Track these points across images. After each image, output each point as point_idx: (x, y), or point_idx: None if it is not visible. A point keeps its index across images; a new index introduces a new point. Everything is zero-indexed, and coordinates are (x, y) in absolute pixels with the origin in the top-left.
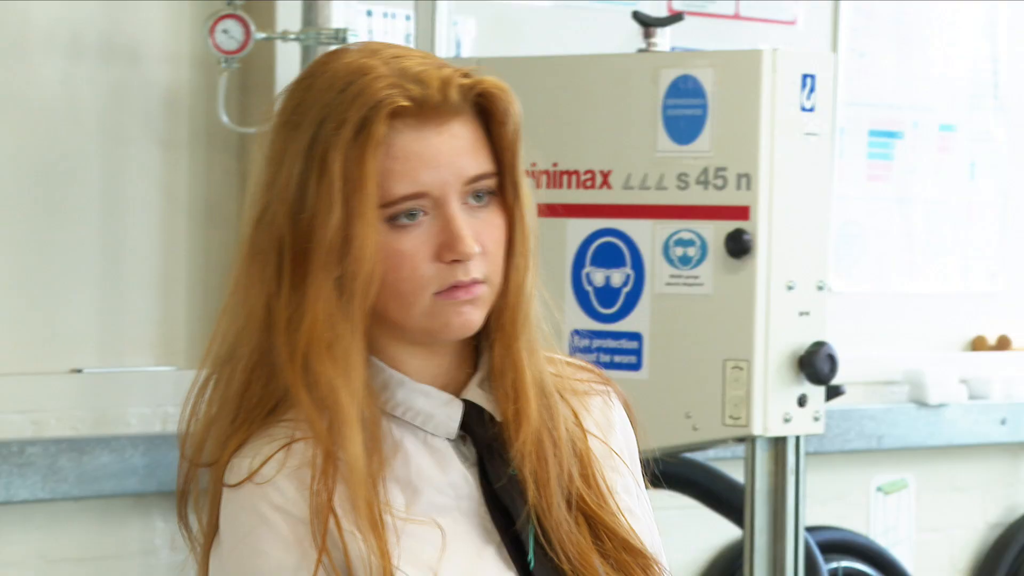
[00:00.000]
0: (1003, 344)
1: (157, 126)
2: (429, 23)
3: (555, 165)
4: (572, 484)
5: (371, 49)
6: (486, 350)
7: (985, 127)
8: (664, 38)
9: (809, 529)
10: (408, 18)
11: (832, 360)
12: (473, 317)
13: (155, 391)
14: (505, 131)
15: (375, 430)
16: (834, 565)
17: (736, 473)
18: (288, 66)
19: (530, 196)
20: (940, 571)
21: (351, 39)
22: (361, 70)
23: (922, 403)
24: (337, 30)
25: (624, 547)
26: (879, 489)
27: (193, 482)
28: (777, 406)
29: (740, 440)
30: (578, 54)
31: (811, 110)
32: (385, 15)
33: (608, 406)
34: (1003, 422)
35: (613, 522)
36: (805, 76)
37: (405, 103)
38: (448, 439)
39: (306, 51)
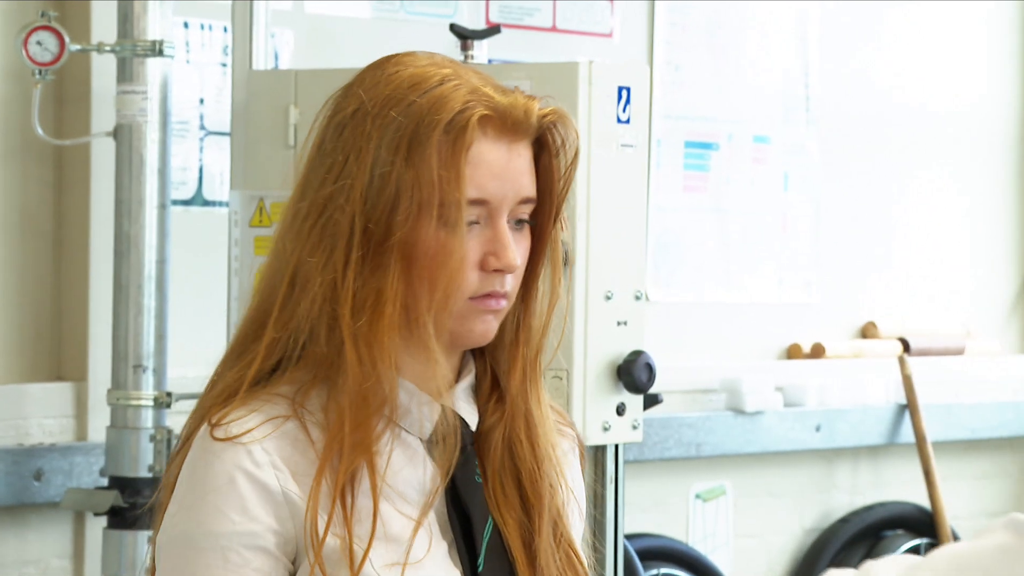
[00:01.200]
0: (817, 352)
1: None
2: (246, 35)
3: None
4: (560, 520)
5: (443, 58)
6: (479, 358)
7: (798, 139)
8: (481, 50)
9: (629, 536)
10: (225, 30)
11: (650, 369)
12: (493, 327)
13: None
14: (556, 160)
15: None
16: (654, 572)
17: None
18: (104, 78)
19: (565, 226)
20: None
21: (167, 51)
22: (442, 75)
23: (739, 411)
24: (153, 42)
25: None
26: (698, 496)
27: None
28: (596, 415)
29: None
30: None
31: (627, 122)
32: (202, 27)
33: (572, 451)
34: (818, 428)
35: (581, 566)
36: (621, 88)
37: (490, 113)
38: (420, 438)
39: (122, 62)
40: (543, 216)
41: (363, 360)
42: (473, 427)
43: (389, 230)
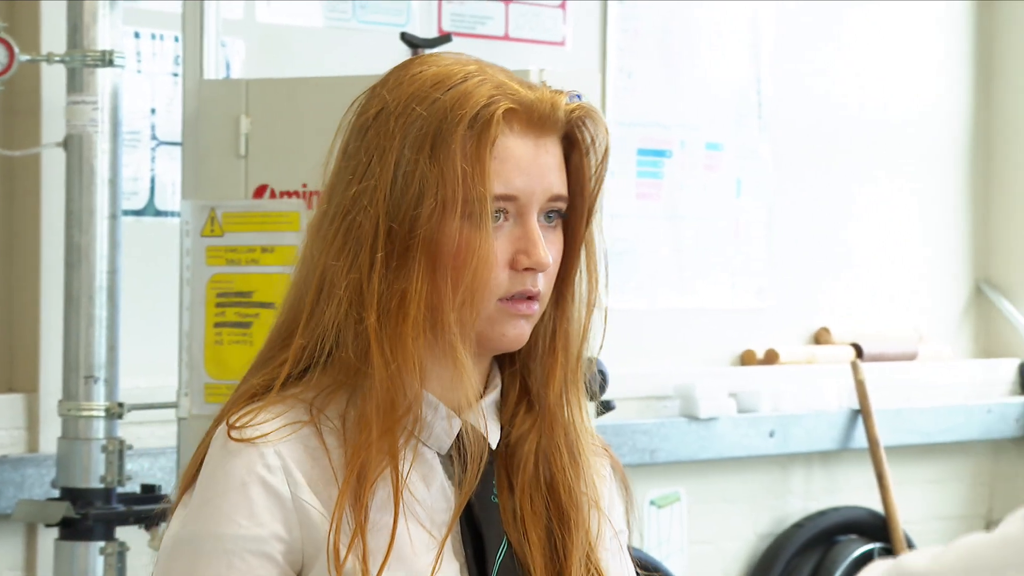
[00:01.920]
0: (771, 358)
1: None
2: (197, 45)
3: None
4: (591, 542)
5: (469, 58)
6: (506, 370)
7: (751, 145)
8: None
9: None
10: (176, 39)
11: (603, 376)
12: (526, 332)
13: None
14: (587, 159)
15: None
16: None
17: None
18: (54, 88)
19: (599, 226)
20: None
21: (118, 61)
22: (467, 72)
23: (693, 417)
24: (104, 52)
25: None
26: (652, 503)
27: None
28: None
29: None
30: (347, 75)
31: None
32: (153, 36)
33: (612, 477)
34: (771, 434)
35: None
36: (572, 96)
37: (516, 106)
38: (438, 453)
39: (72, 73)
40: (575, 216)
41: (389, 364)
42: (494, 445)
43: (414, 229)
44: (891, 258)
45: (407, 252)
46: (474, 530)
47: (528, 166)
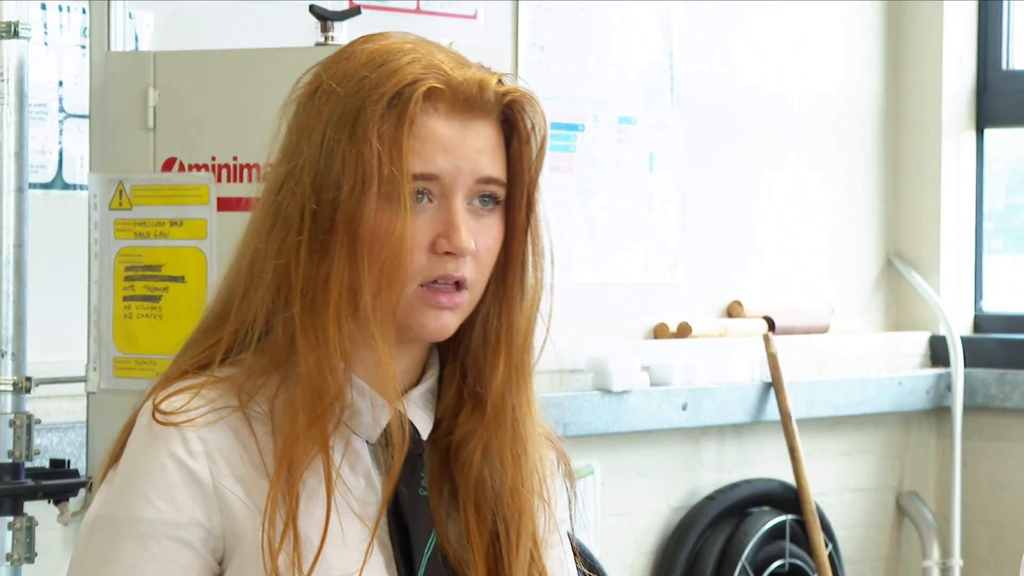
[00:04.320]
0: (683, 331)
1: None
2: (104, 16)
3: (235, 159)
4: (536, 544)
5: (415, 37)
6: (450, 361)
7: (663, 120)
8: (342, 32)
9: None
10: (84, 11)
11: None
12: (451, 323)
13: None
14: (527, 146)
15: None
16: None
17: None
18: None
19: (544, 215)
20: (626, 554)
21: (23, 32)
22: (402, 51)
23: (606, 390)
24: (10, 23)
25: None
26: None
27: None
28: None
29: None
30: (256, 48)
31: None
32: (60, 8)
33: (559, 471)
34: (684, 407)
35: None
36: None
37: (440, 86)
38: (368, 442)
39: None
40: (513, 204)
41: (315, 351)
42: (424, 436)
43: (335, 211)
44: (803, 232)
45: (329, 235)
46: (400, 523)
47: (454, 147)
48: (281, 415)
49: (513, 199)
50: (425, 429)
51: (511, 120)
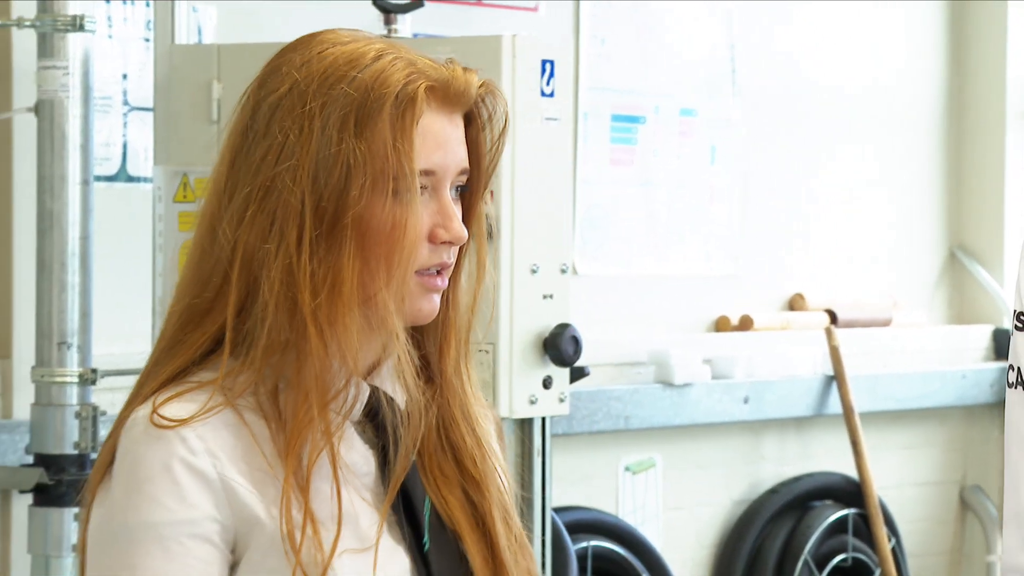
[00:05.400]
0: (745, 324)
1: None
2: (168, 10)
3: None
4: (505, 502)
5: (365, 33)
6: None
7: (724, 112)
8: (405, 24)
9: (559, 510)
10: (147, 4)
11: (576, 342)
12: (438, 305)
13: None
14: (485, 135)
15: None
16: (583, 544)
17: None
18: (24, 54)
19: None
20: (687, 548)
21: (88, 26)
22: (385, 51)
23: (667, 383)
24: (74, 16)
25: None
26: (627, 469)
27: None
28: (522, 388)
29: None
30: None
31: (551, 95)
32: (124, 1)
33: (490, 423)
34: (745, 400)
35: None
36: (544, 62)
37: (435, 84)
38: (350, 420)
39: (42, 38)
40: (472, 191)
41: (328, 343)
42: (402, 406)
43: (342, 208)
44: (865, 225)
45: (335, 231)
46: (403, 489)
47: (444, 141)
48: (289, 407)
49: (471, 185)
50: (402, 400)
51: (474, 110)
